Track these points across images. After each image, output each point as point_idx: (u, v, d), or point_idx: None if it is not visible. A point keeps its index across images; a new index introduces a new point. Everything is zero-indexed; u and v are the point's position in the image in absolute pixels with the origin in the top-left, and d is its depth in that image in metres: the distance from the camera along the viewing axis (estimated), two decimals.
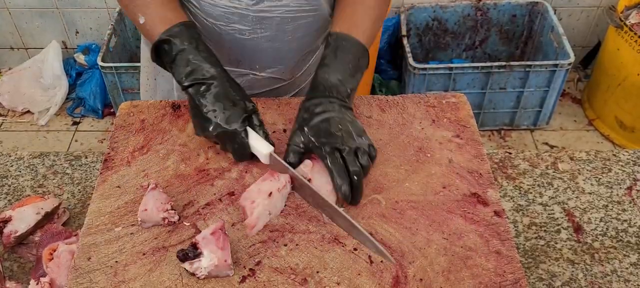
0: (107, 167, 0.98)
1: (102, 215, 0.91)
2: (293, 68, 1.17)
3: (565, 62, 2.34)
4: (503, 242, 0.86)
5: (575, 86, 2.81)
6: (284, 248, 0.86)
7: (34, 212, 1.08)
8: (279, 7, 1.03)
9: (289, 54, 1.13)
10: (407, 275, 0.82)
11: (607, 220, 1.11)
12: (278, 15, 1.04)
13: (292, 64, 1.16)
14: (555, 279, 1.02)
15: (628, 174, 1.19)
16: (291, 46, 1.11)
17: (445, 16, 2.67)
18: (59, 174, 1.22)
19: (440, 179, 0.95)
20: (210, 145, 1.01)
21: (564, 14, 2.71)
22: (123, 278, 0.82)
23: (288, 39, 1.09)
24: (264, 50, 1.10)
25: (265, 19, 1.04)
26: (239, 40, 1.07)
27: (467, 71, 2.38)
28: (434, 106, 1.08)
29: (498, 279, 0.82)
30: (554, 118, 2.64)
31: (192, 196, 0.93)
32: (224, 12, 1.03)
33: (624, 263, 1.04)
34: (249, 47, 1.09)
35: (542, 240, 1.08)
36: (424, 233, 0.87)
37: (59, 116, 2.75)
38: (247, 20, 1.04)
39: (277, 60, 1.13)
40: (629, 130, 2.50)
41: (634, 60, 2.32)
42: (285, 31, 1.07)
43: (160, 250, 0.86)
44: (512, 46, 2.78)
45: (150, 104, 1.10)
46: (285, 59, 1.13)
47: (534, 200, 1.15)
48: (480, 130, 2.49)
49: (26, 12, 2.68)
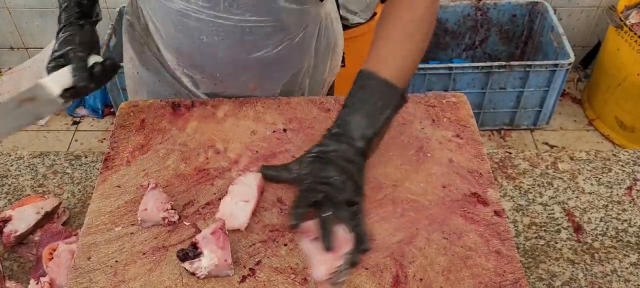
0: (107, 167, 0.98)
1: (102, 214, 0.91)
2: (264, 81, 1.13)
3: (565, 62, 2.34)
4: (503, 242, 0.86)
5: (575, 86, 2.81)
6: (284, 248, 0.86)
7: (34, 211, 1.08)
8: (235, 15, 1.00)
9: (253, 65, 1.09)
10: (407, 275, 0.82)
11: (607, 220, 1.11)
12: (235, 24, 1.01)
13: (256, 77, 1.12)
14: (555, 279, 1.02)
15: (628, 174, 1.19)
16: (253, 58, 1.08)
17: (445, 16, 2.67)
18: (59, 174, 1.22)
19: (440, 179, 0.95)
20: (210, 144, 1.01)
21: (564, 14, 2.71)
22: (123, 278, 0.82)
23: (248, 50, 1.06)
24: (222, 58, 1.07)
25: (222, 26, 1.02)
26: (196, 45, 1.06)
27: (467, 71, 2.38)
28: (434, 106, 1.08)
29: (498, 279, 0.82)
30: (554, 118, 2.64)
31: (192, 196, 0.93)
32: (179, 13, 1.02)
33: (624, 263, 1.04)
34: (207, 54, 1.07)
35: (542, 240, 1.08)
36: (424, 233, 0.87)
37: (59, 116, 2.75)
38: (204, 24, 1.02)
39: (238, 70, 1.10)
40: (629, 130, 2.50)
41: (634, 60, 2.32)
42: (244, 41, 1.04)
43: (160, 249, 0.86)
44: (512, 46, 2.78)
45: (150, 103, 1.10)
46: (247, 70, 1.10)
47: (534, 200, 1.15)
48: (480, 130, 2.48)
49: (26, 12, 2.68)
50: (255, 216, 0.89)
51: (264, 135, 1.03)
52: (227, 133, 1.04)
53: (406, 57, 0.91)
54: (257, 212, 0.90)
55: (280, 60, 1.11)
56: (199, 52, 1.07)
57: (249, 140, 1.02)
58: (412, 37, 0.92)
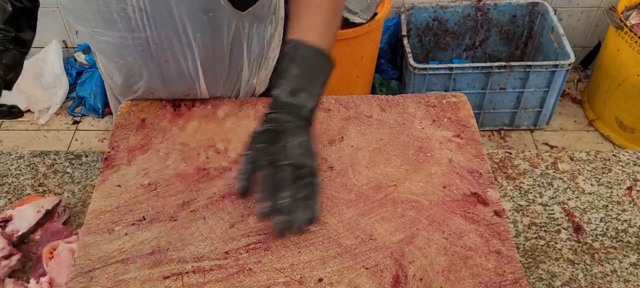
0: (108, 166, 0.98)
1: (103, 214, 0.91)
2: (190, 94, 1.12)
3: (565, 63, 2.34)
4: (503, 242, 0.86)
5: (576, 86, 2.82)
6: (284, 249, 0.86)
7: (34, 210, 1.08)
8: (142, 32, 0.99)
9: (178, 78, 1.09)
10: (407, 275, 0.82)
11: (607, 220, 1.11)
12: (142, 42, 1.01)
13: (189, 85, 1.10)
14: (555, 279, 1.02)
15: (628, 174, 1.19)
16: (174, 71, 1.07)
17: (446, 16, 2.68)
18: (59, 173, 1.22)
19: (440, 179, 0.95)
20: (210, 144, 1.01)
21: (564, 15, 2.71)
22: (123, 278, 0.83)
23: (165, 65, 1.05)
24: (145, 75, 1.08)
25: (134, 47, 1.02)
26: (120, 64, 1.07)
27: (468, 71, 2.38)
28: (434, 106, 1.08)
29: (498, 279, 0.82)
30: (554, 118, 2.64)
31: (192, 195, 0.93)
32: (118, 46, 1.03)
33: (624, 263, 1.04)
34: (131, 71, 1.08)
35: (542, 240, 1.08)
36: (424, 233, 0.88)
37: (59, 115, 2.75)
38: (117, 47, 1.03)
39: (167, 81, 1.10)
40: (629, 130, 2.50)
41: (634, 60, 2.32)
42: (158, 58, 1.04)
43: (160, 249, 0.86)
44: (512, 46, 2.78)
45: (150, 102, 1.10)
46: (178, 80, 1.09)
47: (534, 200, 1.15)
48: (481, 130, 2.49)
49: None
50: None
51: None
52: (227, 133, 1.04)
53: (328, 21, 0.95)
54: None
55: (204, 70, 1.08)
56: (123, 73, 1.08)
57: None
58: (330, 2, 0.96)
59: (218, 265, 0.84)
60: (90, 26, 1.01)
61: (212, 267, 0.84)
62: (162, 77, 1.07)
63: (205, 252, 0.85)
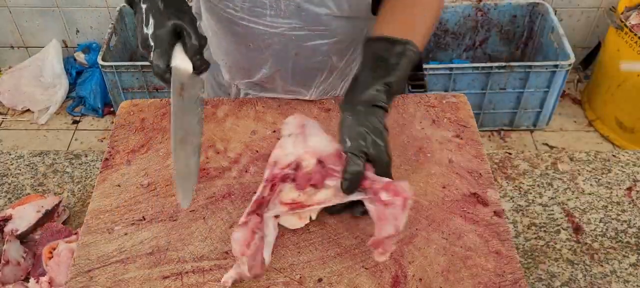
0: (107, 166, 0.98)
1: (102, 213, 0.91)
2: (308, 87, 1.14)
3: (565, 63, 2.34)
4: (503, 242, 0.86)
5: (575, 87, 2.81)
6: (284, 249, 0.86)
7: (34, 210, 1.09)
8: (281, 25, 1.01)
9: (298, 72, 1.11)
10: (406, 275, 0.82)
11: (607, 220, 1.11)
12: (282, 33, 1.02)
13: (300, 83, 1.13)
14: (554, 279, 1.02)
15: (628, 175, 1.19)
16: (299, 65, 1.09)
17: (446, 16, 2.67)
18: (59, 173, 1.22)
19: (440, 179, 0.95)
20: (210, 144, 1.01)
21: (564, 15, 2.71)
22: (123, 277, 0.83)
23: (293, 57, 1.07)
24: (267, 64, 1.09)
25: (267, 34, 1.03)
26: (244, 51, 1.08)
27: (467, 71, 2.38)
28: (434, 106, 1.08)
29: (498, 279, 0.82)
30: (554, 119, 2.64)
31: (192, 195, 0.93)
32: (228, 19, 1.04)
33: (623, 263, 1.04)
34: (253, 59, 1.09)
35: (542, 240, 1.08)
36: (423, 233, 0.88)
37: (59, 115, 2.75)
38: (251, 32, 1.03)
39: (283, 75, 1.12)
40: (629, 131, 2.50)
41: (634, 61, 2.32)
42: (289, 49, 1.05)
43: (160, 249, 0.86)
44: (512, 47, 2.78)
45: (150, 102, 1.10)
46: (292, 76, 1.11)
47: (534, 201, 1.15)
48: (480, 131, 2.48)
49: (27, 11, 2.68)
50: None
51: (264, 135, 1.03)
52: (227, 133, 1.04)
53: (430, 28, 0.97)
54: None
55: (325, 67, 1.11)
56: (246, 58, 1.09)
57: (249, 140, 1.02)
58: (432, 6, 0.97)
59: (218, 265, 0.84)
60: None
61: (211, 267, 0.84)
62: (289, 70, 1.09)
63: (204, 252, 0.85)
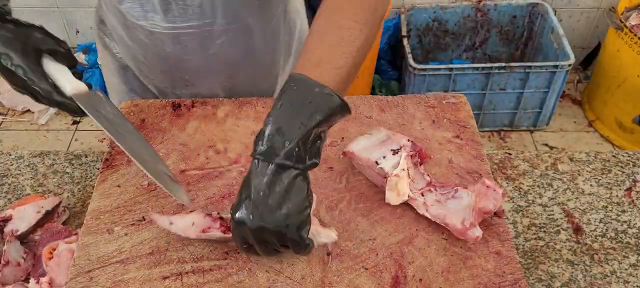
0: (107, 166, 0.98)
1: (102, 214, 0.91)
2: (235, 82, 1.15)
3: (565, 63, 2.34)
4: (502, 243, 0.86)
5: (575, 87, 2.82)
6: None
7: (34, 210, 1.08)
8: (191, 21, 1.01)
9: (222, 69, 1.11)
10: (406, 275, 0.83)
11: (607, 221, 1.11)
12: (193, 31, 1.03)
13: (226, 79, 1.14)
14: (554, 280, 1.02)
15: (628, 175, 1.19)
16: (220, 61, 1.09)
17: (446, 17, 2.68)
18: (59, 173, 1.22)
19: (440, 180, 0.95)
20: (210, 144, 1.01)
21: (564, 15, 2.72)
22: (122, 278, 0.83)
23: (212, 54, 1.07)
24: (188, 65, 1.09)
25: (183, 35, 1.04)
26: (162, 55, 1.08)
27: (467, 72, 2.39)
28: (434, 107, 1.08)
29: (497, 280, 0.82)
30: (554, 119, 2.64)
31: (192, 195, 0.93)
32: (140, 28, 1.04)
33: (623, 264, 1.04)
34: (173, 62, 1.09)
35: (542, 241, 1.08)
36: (423, 233, 0.88)
37: (59, 115, 2.75)
38: (165, 36, 1.04)
39: (207, 74, 1.12)
40: (629, 131, 2.50)
41: (634, 61, 2.32)
42: (206, 47, 1.06)
43: (160, 249, 0.86)
44: (512, 47, 2.78)
45: (150, 102, 1.10)
46: (216, 73, 1.12)
47: (534, 201, 1.15)
48: (480, 131, 2.49)
49: (26, 11, 2.68)
50: None
51: None
52: (227, 133, 1.04)
53: (345, 57, 0.78)
54: None
55: (248, 61, 1.12)
56: (165, 62, 1.09)
57: (249, 141, 1.02)
58: (357, 30, 0.79)
59: (218, 265, 0.84)
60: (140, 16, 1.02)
61: (211, 267, 0.84)
62: (211, 68, 1.09)
63: (204, 252, 0.85)
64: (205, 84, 1.14)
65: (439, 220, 0.86)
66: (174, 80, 1.14)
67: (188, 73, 1.12)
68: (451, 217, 0.85)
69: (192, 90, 1.16)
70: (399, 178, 0.88)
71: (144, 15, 1.02)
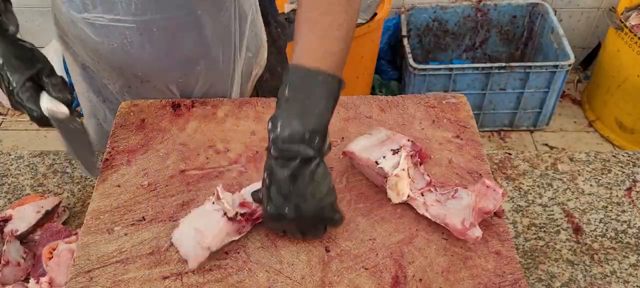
0: (107, 166, 0.98)
1: (102, 214, 0.91)
2: (185, 76, 1.13)
3: (565, 63, 2.34)
4: (502, 243, 0.86)
5: (575, 87, 2.82)
6: (284, 249, 0.86)
7: (34, 210, 1.08)
8: (137, 16, 1.00)
9: (174, 64, 1.10)
10: (406, 275, 0.82)
11: (607, 221, 1.11)
12: (138, 25, 1.02)
13: (179, 75, 1.12)
14: (554, 280, 1.02)
15: (627, 175, 1.19)
16: (172, 56, 1.08)
17: (446, 17, 2.68)
18: (59, 173, 1.22)
19: (440, 180, 0.95)
20: (210, 144, 1.01)
21: (564, 15, 2.72)
22: (122, 278, 0.83)
23: (164, 49, 1.06)
24: (139, 61, 1.08)
25: (128, 29, 1.02)
26: (118, 52, 1.06)
27: (467, 72, 2.38)
28: (434, 107, 1.08)
29: (497, 280, 0.82)
30: (554, 119, 2.64)
31: (192, 195, 0.93)
32: (85, 21, 1.03)
33: (623, 264, 1.05)
34: (126, 62, 1.08)
35: (542, 240, 1.08)
36: (423, 233, 0.88)
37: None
38: (110, 30, 1.03)
39: (160, 71, 1.11)
40: (629, 131, 2.50)
41: (634, 61, 2.32)
42: (154, 41, 1.05)
43: (159, 249, 0.86)
44: (512, 47, 2.78)
45: (150, 103, 1.10)
46: (170, 69, 1.11)
47: (534, 201, 1.15)
48: (480, 131, 2.49)
49: (26, 11, 2.68)
50: None
51: (264, 135, 1.03)
52: (227, 133, 1.04)
53: (337, 41, 0.82)
54: None
55: (200, 55, 1.10)
56: (112, 55, 1.08)
57: (249, 140, 1.02)
58: (331, 13, 0.82)
59: (218, 265, 0.84)
60: (84, 10, 1.01)
61: (211, 267, 0.84)
62: (162, 63, 1.08)
63: None
64: (160, 81, 1.12)
65: (438, 220, 0.86)
66: (127, 78, 1.12)
67: (141, 69, 1.10)
68: (451, 217, 0.85)
69: (147, 87, 1.13)
70: (399, 178, 0.88)
71: (85, 8, 1.01)
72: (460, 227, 0.84)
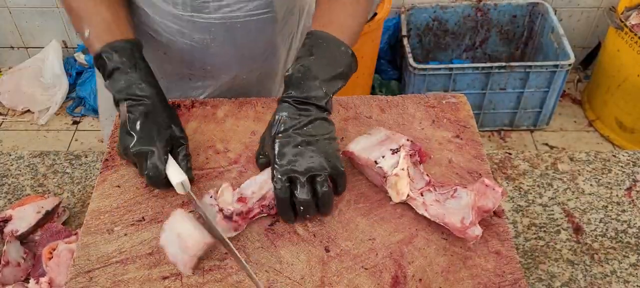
0: (107, 166, 0.98)
1: (102, 214, 0.91)
2: (249, 72, 1.15)
3: (565, 63, 2.34)
4: (502, 243, 0.86)
5: (576, 87, 2.82)
6: (283, 249, 0.86)
7: (34, 210, 1.08)
8: (225, 13, 1.01)
9: (246, 60, 1.11)
10: (406, 275, 0.82)
11: (607, 221, 1.11)
12: (225, 22, 1.03)
13: (247, 69, 1.14)
14: (554, 280, 1.02)
15: (628, 175, 1.19)
16: (243, 51, 1.09)
17: (446, 16, 2.68)
18: (59, 173, 1.22)
19: (440, 180, 0.95)
20: (210, 144, 1.01)
21: (564, 15, 2.72)
22: (122, 278, 0.83)
23: (239, 45, 1.08)
24: (214, 56, 1.09)
25: (213, 25, 1.03)
26: (187, 50, 1.07)
27: (467, 71, 2.38)
28: (434, 106, 1.08)
29: (497, 279, 0.82)
30: (554, 119, 2.64)
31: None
32: (168, 20, 1.03)
33: (623, 264, 1.05)
34: (199, 56, 1.09)
35: (542, 240, 1.08)
36: (423, 233, 0.88)
37: (59, 115, 2.75)
38: (195, 27, 1.03)
39: (229, 66, 1.12)
40: (629, 131, 2.50)
41: (634, 61, 2.32)
42: (235, 37, 1.06)
43: (159, 249, 0.86)
44: (512, 47, 2.78)
45: None
46: (238, 64, 1.12)
47: (534, 201, 1.15)
48: (480, 131, 2.48)
49: (27, 11, 2.68)
50: None
51: None
52: (227, 133, 1.04)
53: (354, 18, 0.99)
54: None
55: (270, 52, 1.12)
56: (190, 50, 1.08)
57: (248, 141, 1.02)
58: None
59: (218, 265, 0.84)
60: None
61: (211, 267, 0.84)
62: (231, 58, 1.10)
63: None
64: (224, 76, 1.14)
65: (438, 219, 0.86)
66: (194, 70, 1.13)
67: (210, 63, 1.11)
68: (450, 216, 0.85)
69: (204, 83, 1.15)
70: (399, 178, 0.88)
71: (174, 4, 1.01)
72: (460, 225, 0.84)
